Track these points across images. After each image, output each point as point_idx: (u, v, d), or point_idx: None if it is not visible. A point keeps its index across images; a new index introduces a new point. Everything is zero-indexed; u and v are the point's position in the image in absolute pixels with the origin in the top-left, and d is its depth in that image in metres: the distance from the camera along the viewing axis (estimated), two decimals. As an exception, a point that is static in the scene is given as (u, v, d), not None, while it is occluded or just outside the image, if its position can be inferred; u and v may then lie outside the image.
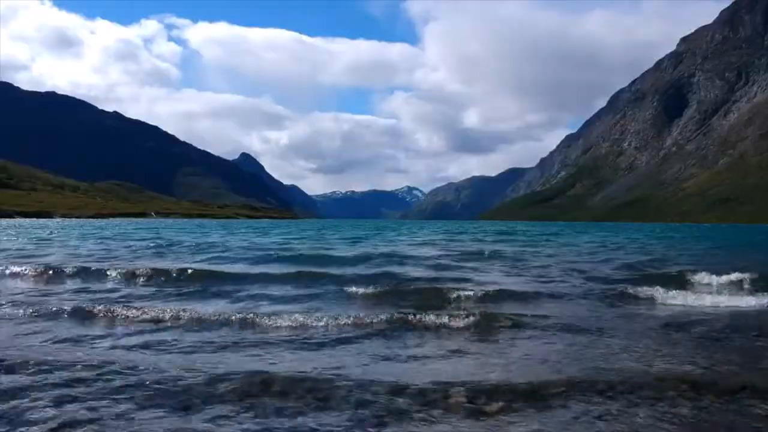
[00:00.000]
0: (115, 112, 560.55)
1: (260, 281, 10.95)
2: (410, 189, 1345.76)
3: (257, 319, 6.89)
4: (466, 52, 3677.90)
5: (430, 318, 6.90)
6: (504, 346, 5.88)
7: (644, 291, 9.23)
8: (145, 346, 5.68)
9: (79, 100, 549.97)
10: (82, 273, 11.61)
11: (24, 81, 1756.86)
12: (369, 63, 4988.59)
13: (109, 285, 10.41)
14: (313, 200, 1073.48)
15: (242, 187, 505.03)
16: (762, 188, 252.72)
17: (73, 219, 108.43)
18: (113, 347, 5.65)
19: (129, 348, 5.60)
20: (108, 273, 11.42)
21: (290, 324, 6.72)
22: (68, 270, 11.81)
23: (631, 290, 9.41)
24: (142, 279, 10.98)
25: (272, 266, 14.07)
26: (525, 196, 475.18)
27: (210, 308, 7.70)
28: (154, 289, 9.98)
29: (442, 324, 6.78)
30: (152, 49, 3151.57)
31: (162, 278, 11.06)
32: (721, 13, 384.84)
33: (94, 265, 12.79)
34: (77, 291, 9.51)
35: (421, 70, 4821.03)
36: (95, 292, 9.43)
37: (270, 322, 6.79)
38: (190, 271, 11.67)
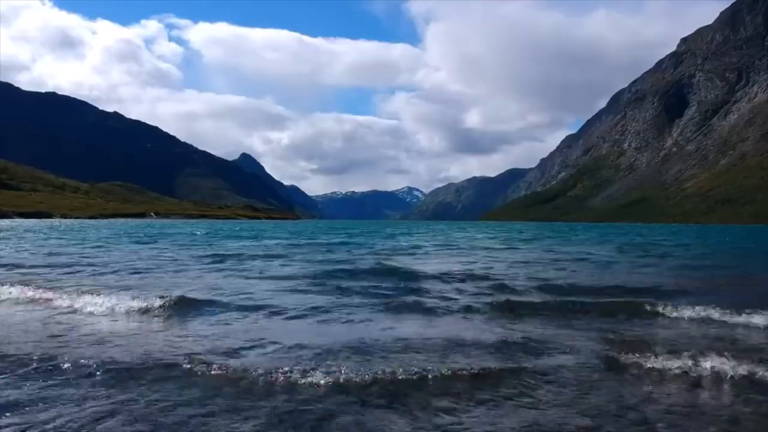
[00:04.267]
0: (116, 112, 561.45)
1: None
2: (411, 189, 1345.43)
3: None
4: (468, 53, 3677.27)
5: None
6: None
7: None
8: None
9: (80, 101, 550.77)
10: None
11: (25, 81, 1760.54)
12: (370, 63, 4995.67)
13: None
14: (313, 201, 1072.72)
15: (243, 187, 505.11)
16: (763, 188, 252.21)
17: (73, 220, 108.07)
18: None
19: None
20: None
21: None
22: None
23: None
24: None
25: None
26: (526, 197, 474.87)
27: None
28: None
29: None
30: (153, 49, 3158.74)
31: None
32: (722, 13, 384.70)
33: None
34: None
35: (422, 70, 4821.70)
36: None
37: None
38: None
